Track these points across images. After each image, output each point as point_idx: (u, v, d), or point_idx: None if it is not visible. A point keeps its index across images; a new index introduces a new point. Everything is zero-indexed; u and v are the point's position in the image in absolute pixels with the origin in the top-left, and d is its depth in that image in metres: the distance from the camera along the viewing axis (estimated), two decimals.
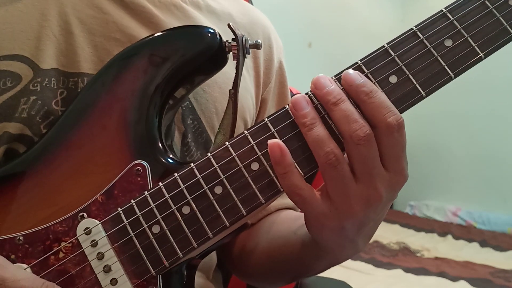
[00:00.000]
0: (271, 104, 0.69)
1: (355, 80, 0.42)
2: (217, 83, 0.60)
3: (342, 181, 0.42)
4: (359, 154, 0.41)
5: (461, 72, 0.44)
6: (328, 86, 0.42)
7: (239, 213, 0.44)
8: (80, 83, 0.52)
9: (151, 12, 0.56)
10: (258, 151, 0.44)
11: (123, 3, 0.55)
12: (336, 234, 0.45)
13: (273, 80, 0.69)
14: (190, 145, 0.57)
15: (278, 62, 0.70)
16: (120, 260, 0.44)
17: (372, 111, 0.41)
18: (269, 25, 0.71)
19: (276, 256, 0.59)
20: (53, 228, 0.46)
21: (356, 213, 0.43)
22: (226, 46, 0.50)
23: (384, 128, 0.41)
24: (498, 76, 3.20)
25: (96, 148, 0.48)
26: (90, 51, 0.53)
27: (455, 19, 0.44)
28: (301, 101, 0.43)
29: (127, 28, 0.54)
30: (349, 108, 0.42)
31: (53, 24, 0.52)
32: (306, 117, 0.42)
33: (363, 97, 0.42)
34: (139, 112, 0.48)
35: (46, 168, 0.48)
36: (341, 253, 0.49)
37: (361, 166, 0.42)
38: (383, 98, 0.42)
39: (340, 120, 0.42)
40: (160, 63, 0.49)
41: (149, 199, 0.45)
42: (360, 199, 0.42)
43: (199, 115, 0.58)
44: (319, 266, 0.55)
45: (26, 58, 0.51)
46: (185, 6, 0.59)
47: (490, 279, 2.22)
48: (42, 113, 0.51)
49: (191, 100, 0.57)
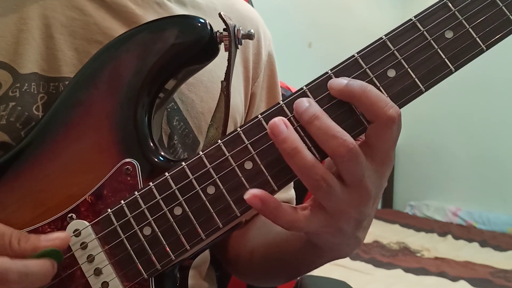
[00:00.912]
0: (259, 98, 0.67)
1: (342, 82, 0.41)
2: (202, 83, 0.58)
3: (334, 195, 0.40)
4: (347, 168, 0.40)
5: (462, 65, 0.42)
6: (302, 106, 0.40)
7: (233, 214, 0.43)
8: (61, 87, 0.51)
9: (133, 11, 0.55)
10: (252, 149, 0.43)
11: (104, 4, 0.54)
12: (335, 236, 0.44)
13: (261, 74, 0.68)
14: (176, 146, 0.56)
15: (266, 55, 0.69)
16: (111, 263, 0.43)
17: (371, 105, 0.40)
18: (257, 18, 0.69)
19: (273, 256, 0.58)
20: (42, 229, 0.44)
21: (351, 215, 0.42)
22: (218, 36, 0.48)
23: (384, 121, 0.39)
24: (498, 76, 3.20)
25: (85, 146, 0.47)
26: (71, 55, 0.52)
27: (456, 10, 0.43)
28: (277, 126, 0.40)
29: (108, 29, 0.53)
30: (325, 124, 0.39)
31: (32, 27, 0.51)
32: (286, 142, 0.39)
33: (359, 94, 0.40)
34: (128, 108, 0.47)
35: (33, 168, 0.46)
36: (343, 249, 0.48)
37: (350, 176, 0.40)
38: (378, 93, 0.40)
39: (319, 137, 0.40)
40: (148, 55, 0.48)
41: (139, 200, 0.44)
42: (352, 202, 0.41)
43: (185, 116, 0.57)
44: (319, 262, 0.54)
45: (5, 63, 0.50)
46: (168, 3, 0.58)
47: (490, 279, 2.21)
48: (23, 119, 0.49)
49: (176, 101, 0.56)
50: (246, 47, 0.65)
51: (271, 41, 0.71)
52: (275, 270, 0.60)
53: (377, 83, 0.42)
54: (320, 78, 0.43)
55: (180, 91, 0.56)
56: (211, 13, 0.62)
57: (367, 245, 2.72)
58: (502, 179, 3.33)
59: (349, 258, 2.42)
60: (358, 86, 0.40)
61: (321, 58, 3.16)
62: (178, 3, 0.60)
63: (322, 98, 0.42)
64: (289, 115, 0.42)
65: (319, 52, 3.45)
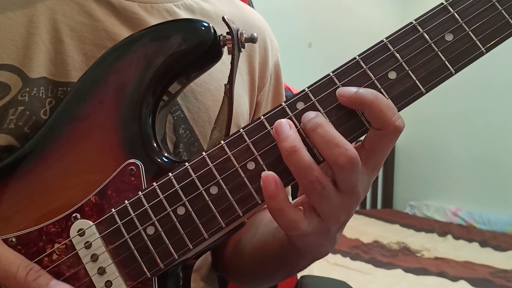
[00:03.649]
0: (265, 107, 0.68)
1: (352, 89, 0.42)
2: (209, 91, 0.59)
3: (327, 199, 0.41)
4: (345, 176, 0.40)
5: (462, 67, 0.43)
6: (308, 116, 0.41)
7: (235, 214, 0.43)
8: None
9: (143, 18, 0.55)
10: (254, 150, 0.43)
11: (114, 10, 0.54)
12: (321, 238, 0.45)
13: (267, 83, 0.68)
14: (182, 155, 0.56)
15: (273, 64, 0.69)
16: (115, 262, 0.44)
17: (380, 113, 0.40)
18: (264, 27, 0.69)
19: (258, 259, 0.59)
20: (46, 229, 0.45)
21: (340, 218, 0.43)
22: (221, 40, 0.49)
23: (391, 130, 0.40)
24: (497, 78, 3.20)
25: (89, 147, 0.47)
26: (80, 60, 0.52)
27: (456, 12, 0.43)
28: (282, 126, 0.41)
29: (118, 35, 0.53)
30: (328, 132, 0.40)
31: (42, 31, 0.51)
32: (286, 140, 0.40)
33: (371, 101, 0.41)
34: (132, 109, 0.47)
35: (38, 168, 0.47)
36: (323, 249, 0.49)
37: (345, 183, 0.41)
38: (388, 101, 0.41)
39: (321, 145, 0.40)
40: (152, 58, 0.48)
41: (143, 200, 0.44)
42: (343, 207, 0.42)
43: (192, 124, 0.57)
44: (302, 264, 0.55)
45: (15, 67, 0.50)
46: (178, 10, 0.59)
47: (490, 279, 2.21)
48: (31, 123, 0.50)
49: (183, 109, 0.56)
50: (253, 56, 0.65)
51: (277, 50, 0.71)
52: (260, 272, 0.61)
53: (378, 85, 0.43)
54: (322, 80, 0.43)
55: (187, 99, 0.56)
56: (219, 21, 0.62)
57: (367, 245, 2.72)
58: (502, 179, 3.33)
59: (349, 258, 2.43)
60: (370, 93, 0.41)
61: (322, 58, 3.16)
62: (188, 10, 0.60)
63: (324, 100, 0.43)
64: (290, 115, 0.43)
65: (320, 52, 3.45)
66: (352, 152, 0.39)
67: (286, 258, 0.54)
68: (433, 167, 3.76)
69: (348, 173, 0.40)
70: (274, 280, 0.65)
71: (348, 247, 2.63)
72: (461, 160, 3.56)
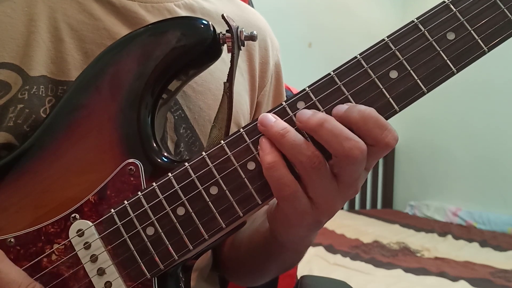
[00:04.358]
0: (265, 107, 0.68)
1: (343, 107, 0.41)
2: (210, 91, 0.58)
3: (324, 184, 0.41)
4: (353, 169, 0.40)
5: (463, 66, 0.42)
6: (306, 115, 0.41)
7: (236, 214, 0.43)
8: None
9: (143, 18, 0.55)
10: (254, 150, 0.43)
11: (114, 9, 0.54)
12: (310, 229, 0.45)
13: (268, 83, 0.68)
14: (183, 154, 0.56)
15: (274, 64, 0.69)
16: (115, 263, 0.43)
17: (368, 132, 0.40)
18: (265, 26, 0.69)
19: (245, 255, 0.59)
20: (45, 229, 0.45)
21: (333, 210, 0.43)
22: (220, 37, 0.48)
23: (383, 147, 0.40)
24: (498, 77, 3.19)
25: (88, 147, 0.47)
26: (80, 59, 0.52)
27: (458, 11, 0.43)
28: (266, 117, 0.42)
29: (118, 35, 0.53)
30: (336, 126, 0.40)
31: (42, 29, 0.51)
32: (275, 127, 0.41)
33: (356, 121, 0.40)
34: (131, 109, 0.47)
35: (36, 168, 0.46)
36: (305, 242, 0.50)
37: (348, 176, 0.41)
38: (376, 118, 0.40)
39: (330, 140, 0.40)
40: (151, 56, 0.48)
41: (142, 200, 0.44)
42: (341, 199, 0.42)
43: (192, 123, 0.57)
44: (286, 260, 0.56)
45: (15, 65, 0.50)
46: (179, 10, 0.58)
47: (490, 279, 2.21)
48: (30, 121, 0.49)
49: (183, 109, 0.56)
50: (253, 55, 0.65)
51: (278, 50, 0.71)
52: (252, 267, 0.61)
53: (379, 84, 0.42)
54: (323, 79, 0.43)
55: (188, 98, 0.56)
56: (220, 20, 0.62)
57: (367, 245, 2.72)
58: (502, 179, 3.33)
59: (349, 258, 2.42)
60: (356, 113, 0.40)
61: (322, 58, 3.16)
62: (188, 9, 0.60)
63: (324, 99, 0.43)
64: (290, 114, 0.43)
65: (320, 52, 3.45)
66: (363, 144, 0.39)
67: (269, 252, 0.54)
68: (433, 167, 3.75)
69: (358, 165, 0.40)
70: (266, 274, 0.64)
71: (348, 247, 2.63)
72: (461, 160, 3.56)
